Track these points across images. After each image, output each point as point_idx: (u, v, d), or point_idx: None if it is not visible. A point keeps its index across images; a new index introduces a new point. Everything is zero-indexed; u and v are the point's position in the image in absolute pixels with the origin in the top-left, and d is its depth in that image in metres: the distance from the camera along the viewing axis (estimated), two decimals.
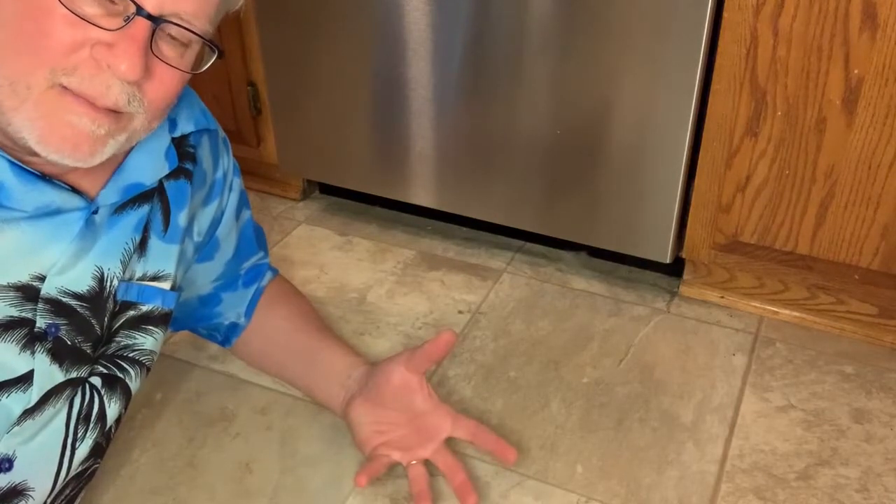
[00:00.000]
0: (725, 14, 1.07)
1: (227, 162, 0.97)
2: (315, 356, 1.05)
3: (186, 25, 0.69)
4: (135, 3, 0.65)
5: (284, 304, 1.09)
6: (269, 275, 1.10)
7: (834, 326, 1.25)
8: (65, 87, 0.66)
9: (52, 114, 0.67)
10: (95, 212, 0.78)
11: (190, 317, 1.04)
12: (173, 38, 0.70)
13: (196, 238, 0.94)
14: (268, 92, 1.46)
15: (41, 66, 0.65)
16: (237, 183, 1.00)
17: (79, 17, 0.64)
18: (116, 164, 0.80)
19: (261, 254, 1.10)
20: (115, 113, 0.69)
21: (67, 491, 0.84)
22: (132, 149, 0.80)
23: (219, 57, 0.74)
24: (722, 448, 1.05)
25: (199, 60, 0.74)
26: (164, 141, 0.84)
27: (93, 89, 0.67)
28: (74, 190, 0.75)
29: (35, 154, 0.69)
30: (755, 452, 1.04)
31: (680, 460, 1.03)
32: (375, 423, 0.98)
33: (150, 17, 0.66)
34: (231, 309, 1.06)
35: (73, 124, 0.68)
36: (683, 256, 1.29)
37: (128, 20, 0.66)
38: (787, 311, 1.27)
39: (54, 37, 0.65)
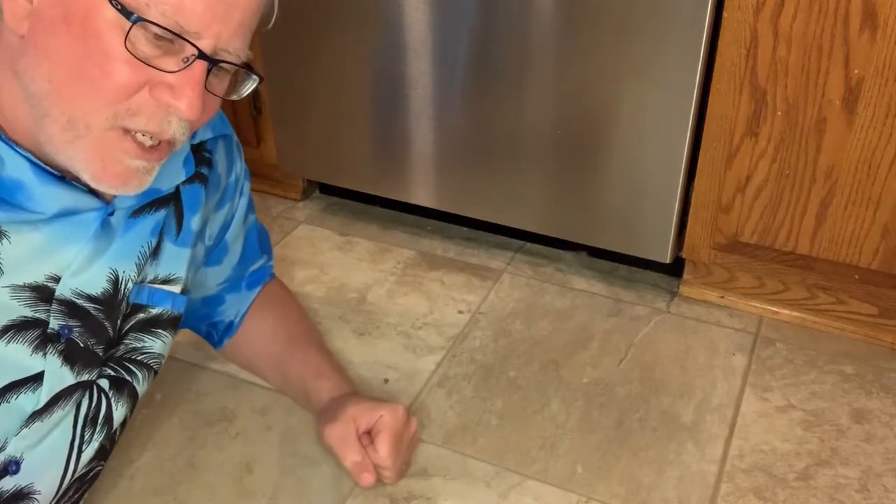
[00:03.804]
0: (725, 14, 1.07)
1: (240, 167, 0.98)
2: (286, 368, 1.06)
3: (235, 60, 0.70)
4: (195, 47, 0.66)
5: (269, 311, 1.09)
6: (266, 279, 1.10)
7: (834, 326, 1.25)
8: (125, 130, 0.68)
9: (109, 154, 0.69)
10: (112, 214, 0.78)
11: (192, 315, 1.05)
12: (220, 70, 0.71)
13: (207, 242, 0.95)
14: (268, 92, 1.46)
15: (103, 107, 0.67)
16: (247, 187, 1.01)
17: (139, 60, 0.65)
18: None
19: (265, 257, 1.11)
20: (166, 143, 0.71)
21: (71, 493, 0.84)
22: None
23: (260, 82, 0.75)
24: (722, 448, 1.05)
25: (235, 81, 0.75)
26: (184, 149, 0.84)
27: (155, 128, 0.69)
28: (91, 192, 0.76)
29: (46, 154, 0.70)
30: (755, 452, 1.04)
31: (680, 460, 1.03)
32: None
33: (207, 57, 0.67)
34: (232, 308, 1.07)
35: (127, 165, 0.70)
36: (683, 256, 1.29)
37: (187, 62, 0.66)
38: (787, 311, 1.27)
39: (116, 79, 0.66)
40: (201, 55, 0.66)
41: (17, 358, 0.73)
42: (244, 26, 0.69)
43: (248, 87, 0.75)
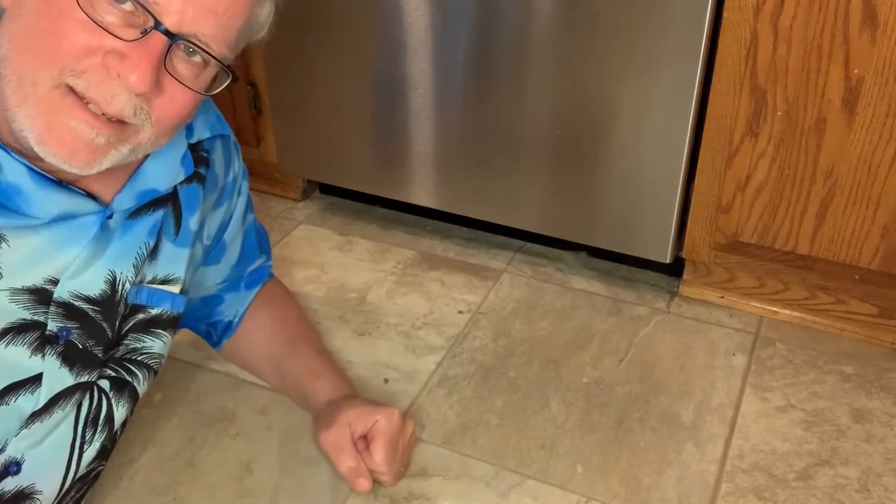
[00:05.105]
0: (725, 14, 1.07)
1: (238, 166, 0.98)
2: (284, 369, 1.06)
3: (203, 47, 0.69)
4: (154, 18, 0.65)
5: (268, 311, 1.09)
6: (264, 279, 1.10)
7: (834, 326, 1.25)
8: (69, 89, 0.66)
9: (52, 114, 0.67)
10: (110, 216, 0.78)
11: (191, 315, 1.05)
12: (190, 57, 0.69)
13: (205, 241, 0.95)
14: (268, 92, 1.46)
15: (51, 65, 0.65)
16: (245, 187, 1.01)
17: (97, 24, 0.64)
18: (132, 169, 0.80)
19: (263, 257, 1.11)
20: (119, 123, 0.69)
21: (73, 493, 0.84)
22: (148, 155, 0.80)
23: (233, 81, 0.74)
24: (722, 448, 1.05)
25: (214, 82, 0.74)
26: (181, 148, 0.84)
27: (98, 94, 0.66)
28: (89, 195, 0.75)
29: (39, 157, 0.69)
30: (755, 452, 1.04)
31: (680, 460, 1.03)
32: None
33: (167, 32, 0.66)
34: (231, 308, 1.07)
35: (72, 129, 0.67)
36: (683, 256, 1.29)
37: (145, 33, 0.65)
38: (787, 311, 1.27)
39: (68, 39, 0.65)
40: (157, 25, 0.65)
41: (16, 360, 0.73)
42: (216, 14, 0.68)
43: (221, 85, 0.74)
